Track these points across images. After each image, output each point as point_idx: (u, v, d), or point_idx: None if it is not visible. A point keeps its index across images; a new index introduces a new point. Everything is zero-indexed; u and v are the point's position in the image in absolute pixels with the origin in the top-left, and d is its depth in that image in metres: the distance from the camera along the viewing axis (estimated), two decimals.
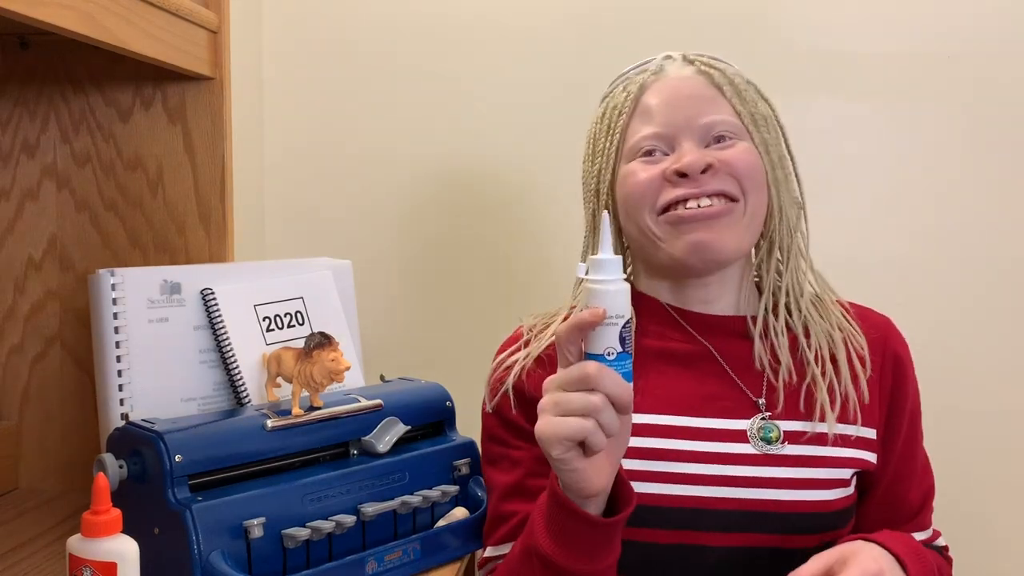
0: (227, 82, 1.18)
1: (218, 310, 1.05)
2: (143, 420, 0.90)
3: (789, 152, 1.00)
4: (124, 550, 0.73)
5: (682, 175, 0.92)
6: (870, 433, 0.95)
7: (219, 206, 1.18)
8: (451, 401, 1.09)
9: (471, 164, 1.54)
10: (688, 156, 0.92)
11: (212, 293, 1.06)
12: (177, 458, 0.85)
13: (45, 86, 1.19)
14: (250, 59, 1.50)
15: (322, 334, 0.97)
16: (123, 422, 0.95)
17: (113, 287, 1.00)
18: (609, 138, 0.98)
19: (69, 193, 1.20)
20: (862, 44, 1.43)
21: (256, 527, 0.85)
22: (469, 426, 1.08)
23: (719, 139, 0.94)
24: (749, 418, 0.93)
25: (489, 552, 0.98)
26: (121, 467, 0.86)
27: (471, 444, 1.07)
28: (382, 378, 1.14)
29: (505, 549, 0.96)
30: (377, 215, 1.55)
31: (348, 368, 0.97)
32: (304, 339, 0.97)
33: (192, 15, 1.10)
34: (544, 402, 0.77)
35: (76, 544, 0.73)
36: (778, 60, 1.43)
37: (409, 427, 1.02)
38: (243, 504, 0.86)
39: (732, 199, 0.93)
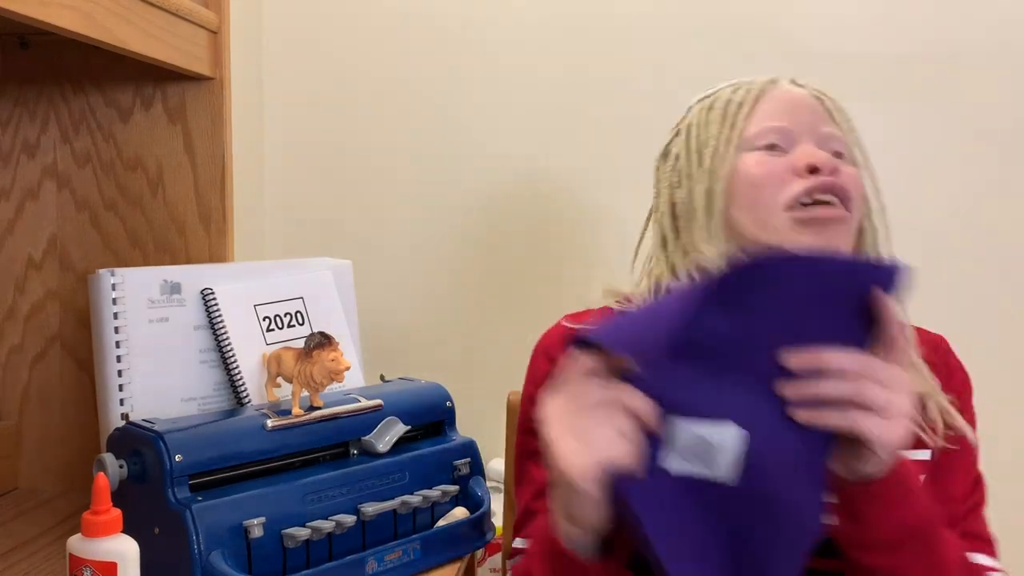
0: (227, 82, 1.18)
1: (218, 310, 1.05)
2: (143, 420, 0.90)
3: (878, 198, 0.98)
4: (124, 550, 0.73)
5: (814, 170, 0.90)
6: (924, 455, 0.94)
7: (219, 206, 1.18)
8: (451, 401, 1.08)
9: (472, 163, 1.54)
10: (819, 153, 0.91)
11: (212, 293, 1.06)
12: (177, 458, 0.85)
13: (45, 86, 1.19)
14: (250, 59, 1.50)
15: (322, 334, 0.97)
16: (123, 422, 0.95)
17: (113, 287, 1.00)
18: (729, 125, 0.95)
19: (69, 193, 1.20)
20: (862, 44, 1.43)
21: (256, 527, 0.85)
22: (469, 426, 1.08)
23: (836, 155, 0.93)
24: None
25: (518, 544, 0.97)
26: (121, 467, 0.86)
27: (471, 444, 1.07)
28: (382, 378, 1.14)
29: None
30: (377, 215, 1.56)
31: (348, 368, 0.97)
32: (304, 339, 0.97)
33: (192, 15, 1.10)
34: (554, 430, 0.70)
35: (76, 544, 0.73)
36: (778, 60, 1.43)
37: (409, 427, 1.02)
38: (243, 504, 0.86)
39: (848, 208, 0.92)
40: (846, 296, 0.71)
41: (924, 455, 0.94)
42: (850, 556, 0.78)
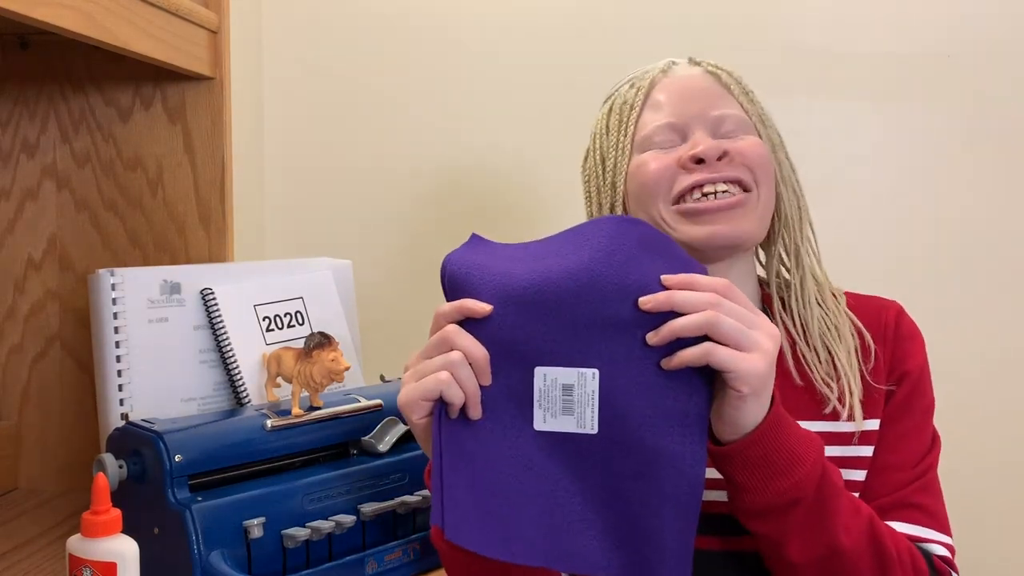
0: (227, 82, 1.18)
1: (218, 310, 1.05)
2: (143, 420, 0.90)
3: (788, 158, 1.00)
4: (124, 550, 0.73)
5: (699, 161, 0.91)
6: (872, 424, 0.94)
7: (219, 206, 1.18)
8: None
9: (472, 163, 1.54)
10: (703, 143, 0.92)
11: (212, 293, 1.06)
12: (177, 458, 0.85)
13: (45, 86, 1.19)
14: (250, 59, 1.50)
15: (322, 334, 0.97)
16: (123, 422, 0.95)
17: (113, 287, 1.00)
18: (622, 131, 0.98)
19: (69, 193, 1.20)
20: (862, 44, 1.43)
21: (256, 527, 0.85)
22: None
23: (729, 133, 0.95)
24: None
25: None
26: (121, 467, 0.86)
27: None
28: (382, 378, 1.14)
29: None
30: (377, 215, 1.55)
31: (348, 368, 0.97)
32: (304, 339, 0.97)
33: (192, 15, 1.10)
34: (405, 375, 0.78)
35: (76, 544, 0.73)
36: (778, 60, 1.43)
37: (409, 427, 1.01)
38: (243, 504, 0.86)
39: (745, 188, 0.93)
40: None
41: (873, 425, 0.93)
42: (745, 526, 0.80)
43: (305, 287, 1.13)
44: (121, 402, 0.99)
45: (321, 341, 0.96)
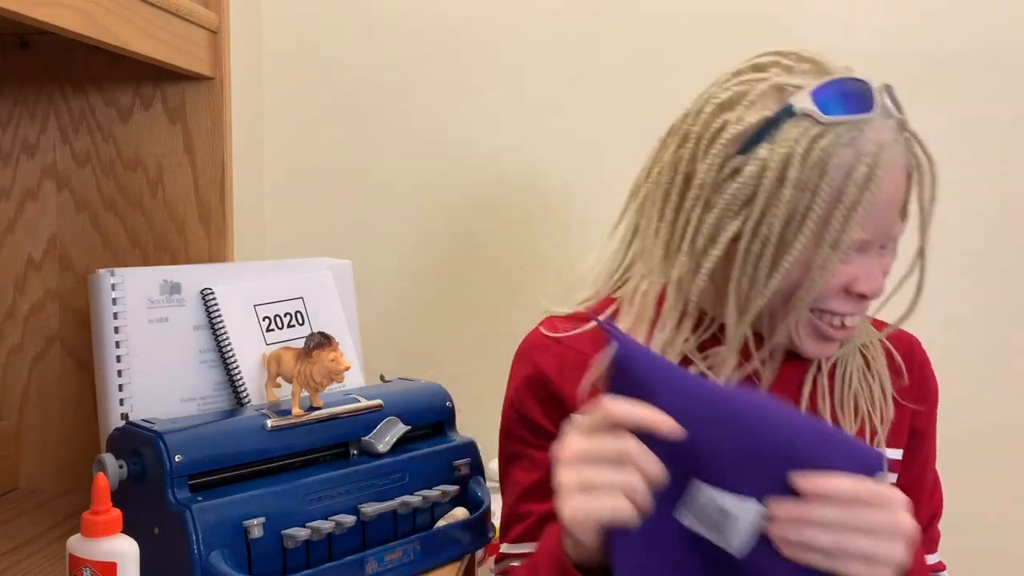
0: (227, 82, 1.18)
1: (218, 310, 1.05)
2: (143, 420, 0.90)
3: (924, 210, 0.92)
4: (124, 550, 0.73)
5: (863, 297, 0.87)
6: (896, 454, 0.94)
7: (219, 206, 1.18)
8: (451, 401, 1.08)
9: (472, 163, 1.54)
10: (877, 281, 0.86)
11: (212, 293, 1.06)
12: (177, 458, 0.85)
13: (45, 86, 1.19)
14: (250, 59, 1.50)
15: (322, 334, 0.97)
16: (123, 422, 0.95)
17: (113, 287, 1.00)
18: (830, 219, 0.81)
19: (69, 193, 1.20)
20: (862, 44, 1.43)
21: (256, 527, 0.85)
22: (469, 426, 1.08)
23: (886, 254, 0.89)
24: None
25: (504, 548, 0.98)
26: (121, 467, 0.86)
27: (471, 444, 1.07)
28: (382, 378, 1.14)
29: (520, 548, 0.95)
30: (377, 215, 1.56)
31: (348, 368, 0.97)
32: (304, 339, 0.97)
33: (192, 15, 1.10)
34: (564, 475, 0.70)
35: (76, 544, 0.73)
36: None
37: (409, 427, 1.02)
38: (243, 504, 0.86)
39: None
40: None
41: (896, 454, 0.94)
42: None
43: (305, 287, 1.13)
44: (121, 402, 0.99)
45: (321, 341, 0.96)
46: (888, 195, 0.83)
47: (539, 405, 0.96)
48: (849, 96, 0.84)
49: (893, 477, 0.94)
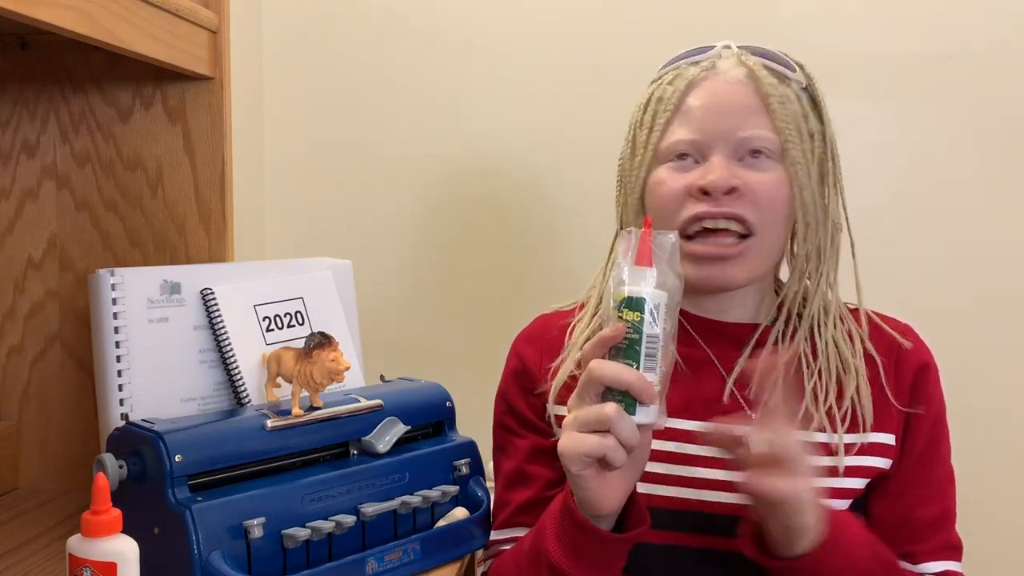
0: (227, 82, 1.18)
1: (218, 310, 1.05)
2: (143, 420, 0.90)
3: (834, 171, 0.96)
4: (124, 550, 0.73)
5: (705, 193, 0.89)
6: (887, 439, 0.94)
7: (219, 206, 1.18)
8: (451, 401, 1.09)
9: (472, 163, 1.54)
10: (715, 173, 0.89)
11: (212, 293, 1.06)
12: (177, 458, 0.85)
13: (45, 86, 1.19)
14: (250, 59, 1.50)
15: (322, 334, 0.97)
16: (123, 422, 0.95)
17: (113, 287, 1.00)
18: (651, 133, 0.95)
19: (69, 193, 1.20)
20: (862, 44, 1.43)
21: (256, 527, 0.85)
22: (469, 426, 1.08)
23: (755, 153, 0.91)
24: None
25: (492, 535, 1.01)
26: (121, 467, 0.86)
27: (471, 444, 1.07)
28: (382, 378, 1.14)
29: (504, 534, 1.00)
30: (377, 215, 1.56)
31: (348, 368, 0.97)
32: (304, 339, 0.97)
33: (192, 15, 1.10)
34: (567, 420, 0.80)
35: (76, 544, 0.73)
36: None
37: (409, 427, 1.02)
38: (243, 504, 0.86)
39: (747, 229, 0.90)
40: None
41: (882, 438, 0.94)
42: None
43: (305, 287, 1.13)
44: (121, 402, 0.99)
45: (321, 341, 0.96)
46: (716, 97, 0.91)
47: (523, 396, 1.02)
48: (689, 53, 0.96)
49: (886, 462, 0.94)
